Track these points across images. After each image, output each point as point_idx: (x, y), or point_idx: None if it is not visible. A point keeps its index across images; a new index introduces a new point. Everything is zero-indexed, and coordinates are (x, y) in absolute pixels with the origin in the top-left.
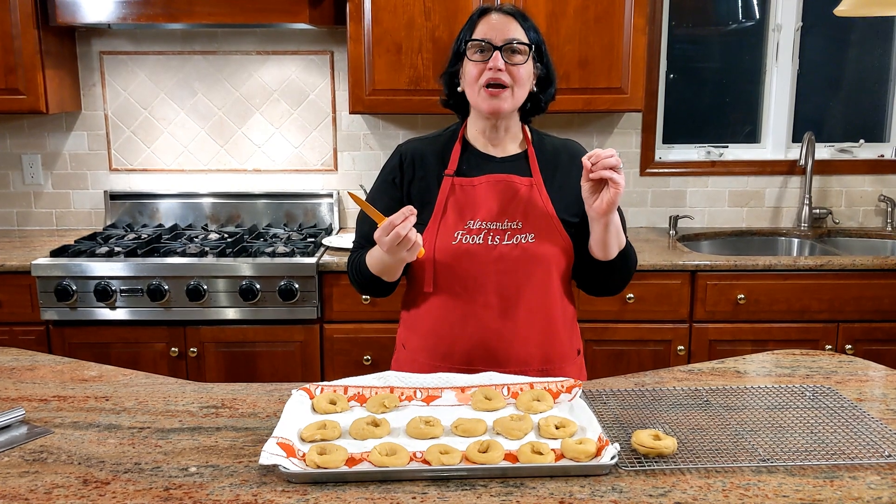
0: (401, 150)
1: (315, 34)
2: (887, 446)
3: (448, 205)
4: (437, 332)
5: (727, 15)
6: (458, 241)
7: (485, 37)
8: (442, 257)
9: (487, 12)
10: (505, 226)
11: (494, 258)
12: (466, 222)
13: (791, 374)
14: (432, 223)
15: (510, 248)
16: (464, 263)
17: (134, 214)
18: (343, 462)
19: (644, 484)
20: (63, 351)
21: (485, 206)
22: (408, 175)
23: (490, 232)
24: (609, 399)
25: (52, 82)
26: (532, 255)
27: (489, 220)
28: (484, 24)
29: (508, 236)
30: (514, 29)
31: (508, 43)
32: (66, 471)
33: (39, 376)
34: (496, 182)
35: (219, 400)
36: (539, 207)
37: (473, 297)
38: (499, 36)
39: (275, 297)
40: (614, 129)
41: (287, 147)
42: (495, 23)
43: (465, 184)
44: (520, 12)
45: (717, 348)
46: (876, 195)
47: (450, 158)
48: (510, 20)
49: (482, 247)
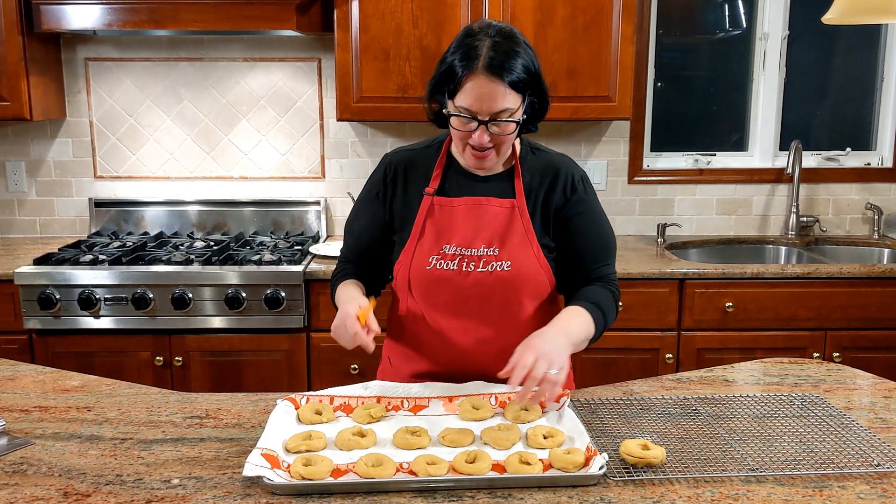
0: (386, 162)
1: (302, 41)
2: (876, 455)
3: (426, 226)
4: (417, 353)
5: (714, 23)
6: (432, 265)
7: (470, 107)
8: (416, 282)
9: (472, 70)
10: (480, 252)
11: (469, 285)
12: (442, 246)
13: (779, 383)
14: (409, 244)
15: (484, 275)
16: (438, 289)
17: (119, 222)
18: (328, 473)
19: (633, 494)
20: (46, 360)
21: (461, 231)
22: (390, 190)
23: (465, 258)
24: (597, 408)
25: (37, 89)
26: (507, 283)
27: (464, 245)
28: (469, 88)
29: (483, 263)
30: (500, 96)
31: (494, 116)
32: (47, 483)
33: (21, 386)
34: (474, 205)
35: (203, 410)
36: (518, 232)
37: (450, 322)
38: (484, 107)
39: (261, 306)
40: (602, 137)
41: (274, 154)
42: (480, 91)
43: (444, 204)
44: (508, 64)
45: (705, 356)
46: (863, 203)
47: (432, 174)
48: (497, 85)
49: (456, 273)
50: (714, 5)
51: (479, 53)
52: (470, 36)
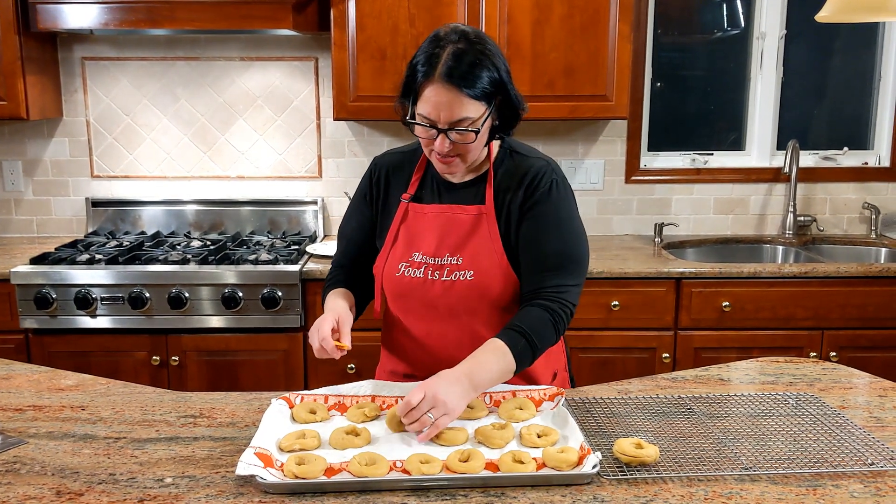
0: (373, 166)
1: (299, 40)
2: (870, 454)
3: (400, 232)
4: (399, 356)
5: (712, 23)
6: (401, 272)
7: (428, 115)
8: (388, 288)
9: (430, 78)
10: (445, 261)
11: (435, 294)
12: (412, 254)
13: (775, 382)
14: (384, 249)
15: (448, 284)
16: (407, 296)
17: (116, 222)
18: (322, 472)
19: (626, 493)
20: (43, 360)
21: (428, 239)
22: (375, 192)
23: (430, 267)
24: (592, 407)
25: (34, 88)
26: (470, 293)
27: (430, 254)
28: (427, 96)
29: (447, 272)
30: (458, 105)
31: (453, 125)
32: (40, 482)
33: (15, 385)
34: (442, 212)
35: (197, 409)
36: (484, 241)
37: (422, 327)
38: (443, 116)
39: (258, 305)
40: (599, 136)
41: (271, 154)
42: (438, 99)
43: (417, 211)
44: (468, 73)
45: (702, 356)
46: (860, 202)
47: (411, 179)
48: (455, 94)
49: (421, 281)
50: (712, 5)
51: (438, 61)
52: (434, 41)
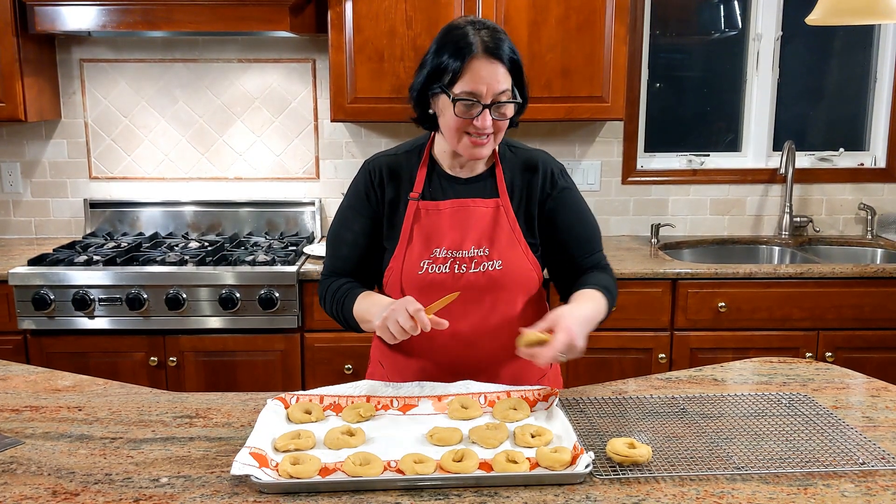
0: (369, 167)
1: (296, 42)
2: (862, 454)
3: (414, 231)
4: (410, 355)
5: (709, 24)
6: (424, 270)
7: (474, 90)
8: (409, 287)
9: (473, 54)
10: (471, 253)
11: (461, 288)
12: (433, 251)
13: (768, 382)
14: (399, 251)
15: (477, 276)
16: (431, 293)
17: (114, 223)
18: (316, 472)
19: (618, 493)
20: (41, 360)
21: (450, 234)
22: (377, 193)
23: (456, 260)
24: (586, 407)
25: (32, 90)
26: (499, 282)
27: (454, 248)
28: (471, 72)
29: (475, 264)
30: (501, 76)
31: (497, 98)
32: (36, 482)
33: (12, 386)
34: (460, 207)
35: (193, 410)
36: (505, 231)
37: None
38: (488, 90)
39: (255, 306)
40: (596, 137)
41: (269, 155)
42: (483, 74)
43: (430, 208)
44: (501, 47)
45: (698, 356)
46: (856, 203)
47: (416, 178)
48: (496, 66)
49: (448, 276)
50: (709, 6)
51: (472, 41)
52: (456, 29)
